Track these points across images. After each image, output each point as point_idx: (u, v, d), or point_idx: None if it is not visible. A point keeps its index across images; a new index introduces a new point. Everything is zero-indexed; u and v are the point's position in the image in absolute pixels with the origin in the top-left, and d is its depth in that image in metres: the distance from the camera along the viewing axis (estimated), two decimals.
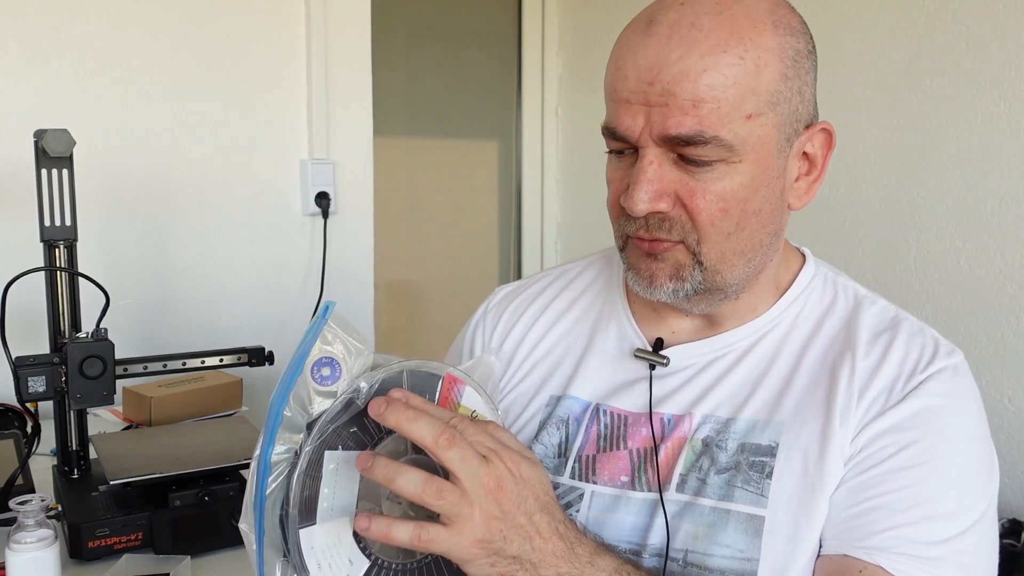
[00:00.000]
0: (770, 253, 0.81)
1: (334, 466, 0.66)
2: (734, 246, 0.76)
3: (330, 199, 2.01)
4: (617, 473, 0.83)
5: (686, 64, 0.70)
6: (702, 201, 0.74)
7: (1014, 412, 1.47)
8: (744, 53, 0.71)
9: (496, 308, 0.97)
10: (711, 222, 0.74)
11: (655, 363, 0.85)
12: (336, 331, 0.69)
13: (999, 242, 1.49)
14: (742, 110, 0.71)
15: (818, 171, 0.79)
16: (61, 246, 1.20)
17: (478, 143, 2.58)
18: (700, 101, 0.70)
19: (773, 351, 0.83)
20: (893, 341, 0.80)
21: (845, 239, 1.74)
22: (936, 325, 0.85)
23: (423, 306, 2.55)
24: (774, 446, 0.78)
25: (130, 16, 1.78)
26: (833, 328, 0.83)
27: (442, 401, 0.72)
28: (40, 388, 1.11)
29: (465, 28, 2.52)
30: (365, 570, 0.66)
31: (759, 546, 0.75)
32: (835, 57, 1.74)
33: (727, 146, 0.72)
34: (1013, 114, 1.47)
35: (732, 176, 0.73)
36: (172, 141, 1.85)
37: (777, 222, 0.79)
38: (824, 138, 0.79)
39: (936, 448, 0.75)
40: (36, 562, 0.92)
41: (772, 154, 0.75)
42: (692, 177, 0.74)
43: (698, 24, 0.71)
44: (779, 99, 0.74)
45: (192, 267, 1.90)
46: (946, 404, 0.77)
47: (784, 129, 0.75)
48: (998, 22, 1.48)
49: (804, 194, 0.80)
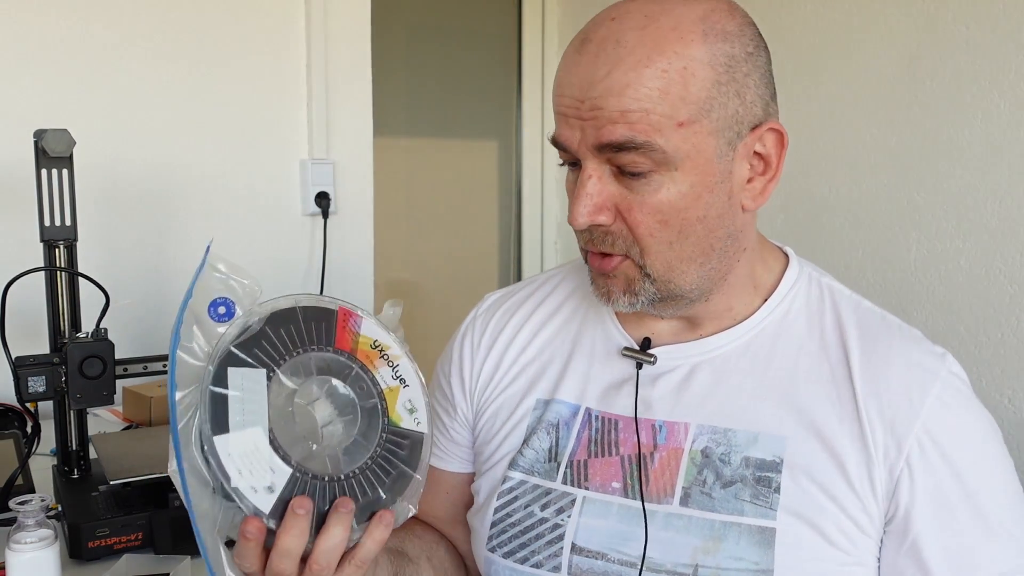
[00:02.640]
0: (730, 254, 0.81)
1: (239, 380, 0.67)
2: (679, 254, 0.77)
3: (330, 199, 2.01)
4: (608, 479, 0.83)
5: (611, 80, 0.72)
6: (640, 214, 0.75)
7: (1014, 412, 1.47)
8: (668, 65, 0.72)
9: (484, 315, 0.98)
10: (650, 234, 0.76)
11: (642, 361, 0.85)
12: (221, 271, 0.72)
13: (999, 242, 1.49)
14: (673, 118, 0.72)
15: (773, 171, 0.79)
16: (61, 246, 1.20)
17: (478, 143, 2.58)
18: (628, 111, 0.72)
19: (765, 356, 0.83)
20: (891, 346, 0.81)
21: (845, 239, 1.74)
22: (936, 325, 0.85)
23: (423, 306, 2.55)
24: (779, 461, 0.78)
25: (130, 16, 1.78)
26: (825, 333, 0.83)
27: (339, 331, 0.73)
28: (40, 388, 1.11)
29: (465, 28, 2.52)
30: (288, 478, 0.66)
31: (772, 556, 0.75)
32: (835, 57, 1.74)
33: (660, 152, 0.73)
34: (1013, 114, 1.46)
35: (669, 186, 0.75)
36: (172, 141, 1.85)
37: (728, 225, 0.79)
38: (775, 138, 0.78)
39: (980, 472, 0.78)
40: (36, 562, 0.92)
41: (711, 160, 0.75)
42: (630, 191, 0.75)
43: (623, 40, 0.73)
44: (712, 105, 0.74)
45: (192, 267, 1.89)
46: (963, 423, 0.78)
47: (724, 134, 0.75)
48: (998, 22, 1.48)
49: (759, 195, 0.80)
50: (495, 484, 0.89)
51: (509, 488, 0.87)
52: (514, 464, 0.88)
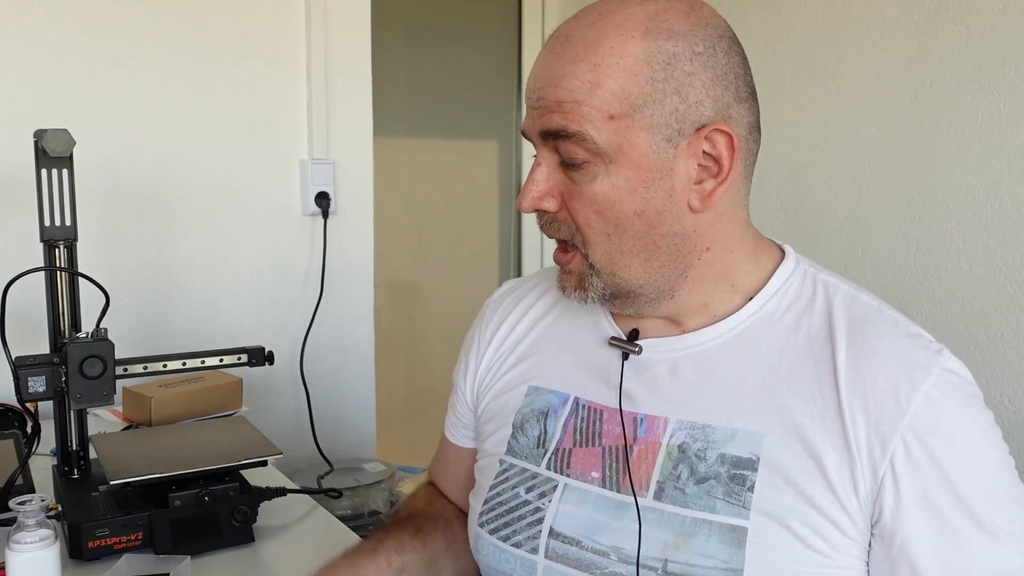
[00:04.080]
0: (683, 253, 0.81)
1: None
2: (619, 247, 0.80)
3: (330, 199, 2.01)
4: (588, 468, 0.84)
5: (552, 72, 0.78)
6: (578, 203, 0.79)
7: (1014, 412, 1.47)
8: (600, 60, 0.75)
9: (495, 303, 1.03)
10: (587, 223, 0.79)
11: (628, 351, 0.86)
12: None
13: (999, 242, 1.49)
14: (603, 111, 0.75)
15: (725, 173, 0.78)
16: (61, 246, 1.20)
17: (478, 143, 2.58)
18: (561, 102, 0.76)
19: (750, 353, 0.82)
20: (882, 339, 0.78)
21: (845, 239, 1.74)
22: (936, 325, 0.84)
23: (423, 306, 2.55)
24: (755, 459, 0.77)
25: (130, 16, 1.78)
26: (812, 328, 0.81)
27: None
28: (40, 388, 1.11)
29: (465, 28, 2.52)
30: None
31: (743, 556, 0.75)
32: (835, 57, 1.74)
33: (592, 143, 0.76)
34: (1013, 114, 1.47)
35: (603, 178, 0.78)
36: (172, 141, 1.85)
37: (672, 223, 0.79)
38: (725, 140, 0.77)
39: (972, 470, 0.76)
40: (36, 562, 0.92)
41: (646, 155, 0.76)
42: (572, 181, 0.79)
43: (572, 36, 0.78)
44: (647, 101, 0.75)
45: (192, 267, 1.90)
46: (957, 425, 0.75)
47: (661, 130, 0.76)
48: (998, 22, 1.48)
49: (707, 196, 0.79)
50: (493, 466, 0.93)
51: (503, 471, 0.91)
52: (509, 449, 0.92)
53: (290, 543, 1.21)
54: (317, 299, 1.99)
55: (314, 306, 1.98)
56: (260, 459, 1.21)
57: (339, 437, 2.07)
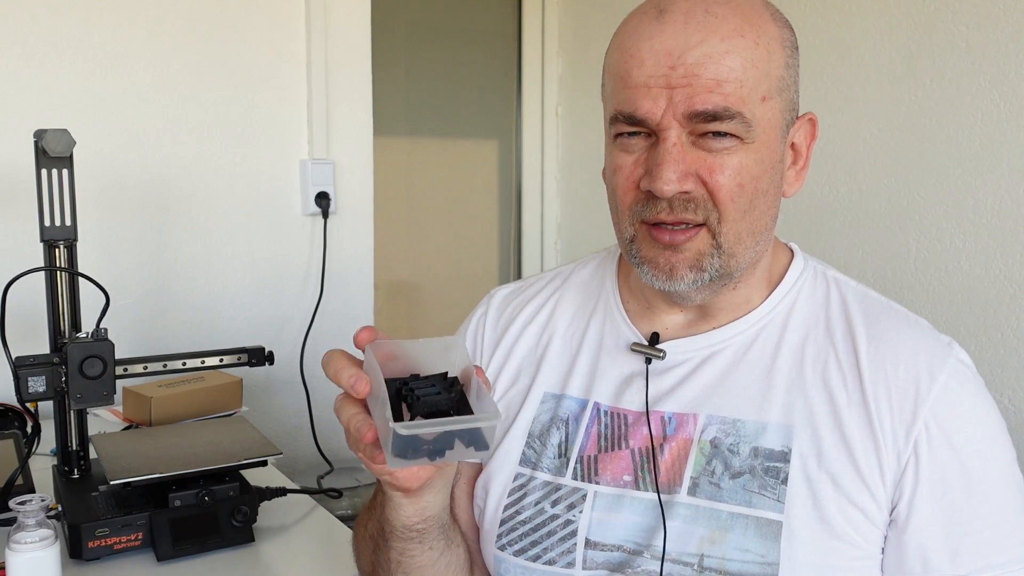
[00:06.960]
0: (769, 239, 0.83)
1: None
2: (747, 226, 0.78)
3: (330, 199, 2.01)
4: (619, 473, 0.83)
5: (708, 47, 0.73)
6: (722, 177, 0.75)
7: (1014, 412, 1.47)
8: (758, 39, 0.74)
9: (496, 309, 0.98)
10: (731, 198, 0.76)
11: (651, 356, 0.85)
12: None
13: (999, 242, 1.49)
14: (758, 92, 0.74)
15: (803, 160, 0.81)
16: (61, 246, 1.20)
17: (478, 143, 2.58)
18: (723, 81, 0.73)
19: (773, 347, 0.83)
20: (898, 331, 0.81)
21: (845, 239, 1.74)
22: (936, 325, 0.85)
23: (423, 306, 2.55)
24: (787, 451, 0.78)
25: (130, 16, 1.78)
26: (831, 321, 0.83)
27: None
28: (40, 388, 1.11)
29: (465, 28, 2.52)
30: None
31: (778, 550, 0.75)
32: (835, 56, 1.74)
33: (747, 124, 0.74)
34: (1013, 114, 1.46)
35: (745, 154, 0.76)
36: (172, 141, 1.85)
37: (776, 207, 0.81)
38: (809, 128, 0.81)
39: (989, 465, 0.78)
40: (36, 562, 0.92)
41: (777, 138, 0.78)
42: (711, 155, 0.75)
43: (712, 11, 0.74)
44: (783, 85, 0.77)
45: (192, 267, 1.90)
46: (972, 418, 0.78)
47: (786, 115, 0.78)
48: (998, 22, 1.48)
49: (794, 182, 0.82)
50: (505, 481, 0.88)
51: (519, 485, 0.87)
52: (524, 460, 0.88)
53: (290, 543, 1.21)
54: (317, 299, 1.99)
55: (314, 306, 1.98)
56: (260, 459, 1.21)
57: (339, 437, 2.05)
